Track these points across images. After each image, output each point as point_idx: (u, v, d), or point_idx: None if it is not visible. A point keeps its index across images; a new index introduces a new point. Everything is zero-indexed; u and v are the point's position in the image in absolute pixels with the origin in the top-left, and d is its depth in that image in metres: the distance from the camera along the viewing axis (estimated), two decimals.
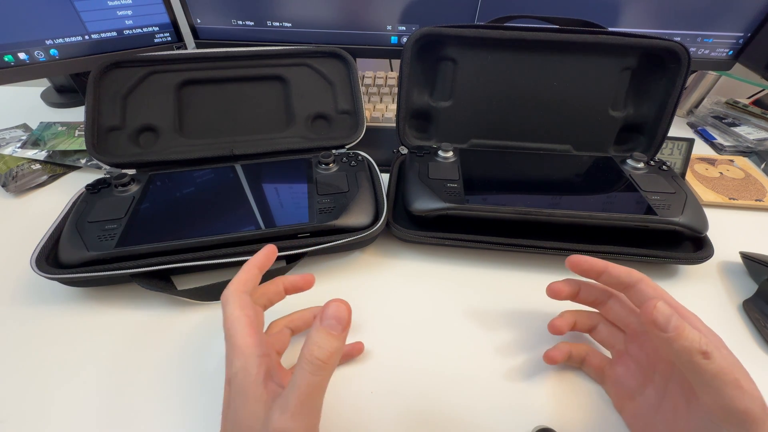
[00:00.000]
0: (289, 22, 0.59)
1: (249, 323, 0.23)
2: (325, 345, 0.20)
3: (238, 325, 0.23)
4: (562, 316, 0.31)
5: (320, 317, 0.21)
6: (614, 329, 0.30)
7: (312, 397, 0.20)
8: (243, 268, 0.27)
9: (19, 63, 0.55)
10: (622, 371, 0.29)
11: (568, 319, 0.31)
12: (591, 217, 0.38)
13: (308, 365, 0.20)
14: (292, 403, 0.20)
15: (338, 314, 0.21)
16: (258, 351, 0.22)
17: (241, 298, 0.25)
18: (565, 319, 0.31)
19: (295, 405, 0.20)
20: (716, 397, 0.21)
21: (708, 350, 0.20)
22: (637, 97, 0.48)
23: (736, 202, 0.49)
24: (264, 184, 0.43)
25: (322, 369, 0.20)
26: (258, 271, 0.28)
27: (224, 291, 0.25)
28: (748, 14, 0.55)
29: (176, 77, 0.49)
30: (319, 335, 0.20)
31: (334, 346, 0.20)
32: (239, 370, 0.22)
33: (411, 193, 0.41)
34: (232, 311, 0.24)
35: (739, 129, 0.62)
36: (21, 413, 0.29)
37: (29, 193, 0.50)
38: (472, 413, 0.29)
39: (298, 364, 0.20)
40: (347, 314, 0.21)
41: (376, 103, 0.64)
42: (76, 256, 0.35)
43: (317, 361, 0.20)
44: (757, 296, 0.37)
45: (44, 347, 0.33)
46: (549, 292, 0.30)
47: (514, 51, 0.46)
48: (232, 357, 0.22)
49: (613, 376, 0.29)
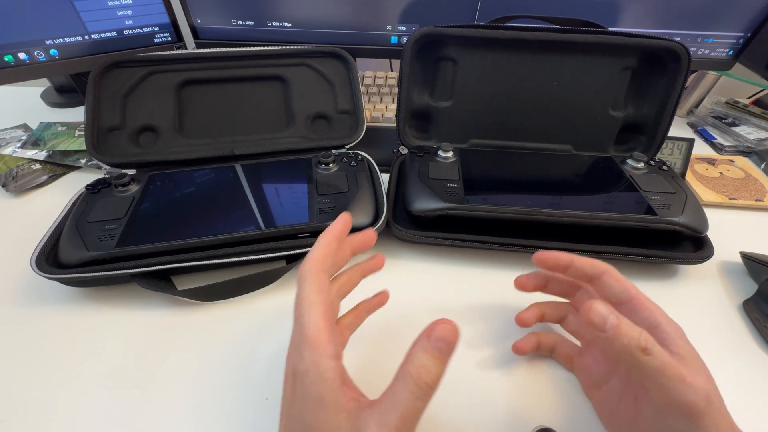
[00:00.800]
0: (289, 22, 0.59)
1: (324, 313, 0.21)
2: (433, 369, 0.19)
3: (312, 314, 0.21)
4: (529, 309, 0.32)
5: (428, 336, 0.20)
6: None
7: (412, 421, 0.19)
8: (320, 241, 0.24)
9: (19, 63, 0.55)
10: (590, 360, 0.29)
11: (534, 311, 0.32)
12: (591, 217, 0.38)
13: (414, 388, 0.19)
14: (393, 422, 0.18)
15: (448, 337, 0.19)
16: (332, 350, 0.20)
17: (319, 278, 0.22)
18: (531, 311, 0.32)
19: (396, 424, 0.18)
20: (660, 391, 0.21)
21: (647, 346, 0.20)
22: (637, 97, 0.48)
23: (736, 202, 0.49)
24: (264, 184, 0.43)
25: (427, 394, 0.19)
26: (336, 245, 0.24)
27: (301, 267, 0.23)
28: (748, 14, 0.55)
29: (176, 77, 0.49)
30: (428, 358, 0.19)
31: (441, 371, 0.19)
32: (310, 367, 0.19)
33: (411, 193, 0.41)
34: (308, 294, 0.21)
35: (739, 129, 0.62)
36: (21, 413, 0.29)
37: (29, 193, 0.50)
38: (472, 413, 0.29)
39: (401, 380, 0.19)
40: (456, 339, 0.20)
41: (376, 103, 0.64)
42: (76, 256, 0.35)
43: (424, 386, 0.19)
44: (757, 296, 0.37)
45: (44, 347, 0.33)
46: (516, 285, 0.31)
47: (514, 51, 0.46)
48: (302, 349, 0.20)
49: (582, 365, 0.30)
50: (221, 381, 0.31)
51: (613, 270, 0.26)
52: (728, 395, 0.31)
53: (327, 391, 0.19)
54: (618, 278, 0.26)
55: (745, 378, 0.32)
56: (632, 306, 0.25)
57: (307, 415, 0.19)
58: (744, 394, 0.31)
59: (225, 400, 0.30)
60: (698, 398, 0.20)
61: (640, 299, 0.25)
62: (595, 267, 0.27)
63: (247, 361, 0.32)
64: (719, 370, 0.32)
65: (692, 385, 0.20)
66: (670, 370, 0.20)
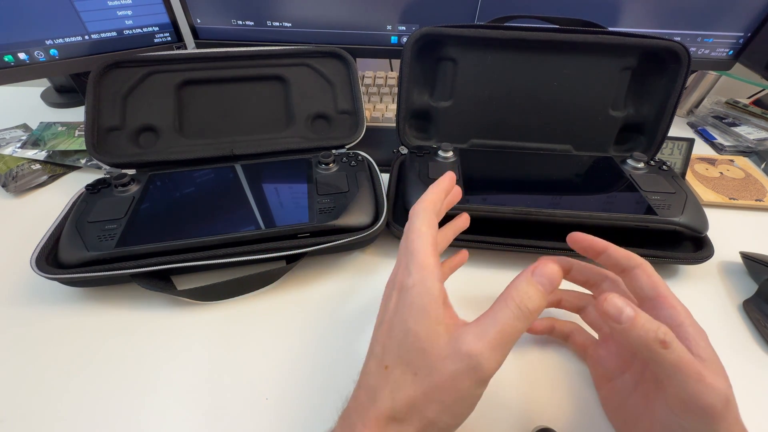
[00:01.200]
0: (289, 22, 0.59)
1: (432, 243, 0.23)
2: (535, 298, 0.20)
3: (423, 241, 0.22)
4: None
5: (533, 271, 0.21)
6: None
7: (509, 339, 0.20)
8: (431, 189, 0.26)
9: (19, 63, 0.55)
10: (604, 353, 0.29)
11: (551, 294, 0.31)
12: (591, 217, 0.38)
13: (516, 309, 0.20)
14: (491, 335, 0.20)
15: (552, 276, 0.21)
16: (438, 274, 0.22)
17: (430, 216, 0.24)
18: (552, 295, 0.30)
19: (494, 337, 0.19)
20: (678, 389, 0.21)
21: (666, 339, 0.20)
22: (637, 97, 0.48)
23: (736, 202, 0.49)
24: (264, 184, 0.43)
25: (527, 317, 0.20)
26: (444, 195, 0.26)
27: (415, 205, 0.24)
28: (748, 14, 0.55)
29: (176, 77, 0.49)
30: (532, 288, 0.21)
31: (542, 303, 0.21)
32: (418, 282, 0.21)
33: (411, 193, 0.41)
34: (420, 226, 0.23)
35: (739, 129, 0.62)
36: (21, 413, 0.29)
37: (29, 193, 0.50)
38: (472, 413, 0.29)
39: (502, 302, 0.20)
40: (559, 279, 0.21)
41: (376, 103, 0.64)
42: (76, 256, 0.35)
43: (525, 309, 0.20)
44: (757, 296, 0.37)
45: (44, 347, 0.33)
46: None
47: (514, 51, 0.46)
48: (411, 267, 0.22)
49: (595, 357, 0.30)
50: (221, 381, 0.31)
51: (646, 265, 0.26)
52: None
53: (431, 303, 0.21)
54: (650, 274, 0.25)
55: (745, 378, 0.32)
56: (658, 302, 0.24)
57: (410, 320, 0.21)
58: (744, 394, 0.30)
59: (225, 399, 0.30)
60: (717, 400, 0.20)
61: (667, 297, 0.24)
62: (629, 259, 0.26)
63: (247, 360, 0.32)
64: None
65: (712, 386, 0.20)
66: (690, 368, 0.20)
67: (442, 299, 0.21)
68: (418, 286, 0.21)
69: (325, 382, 0.31)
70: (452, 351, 0.20)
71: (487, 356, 0.19)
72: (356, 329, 0.35)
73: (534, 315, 0.20)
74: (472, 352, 0.19)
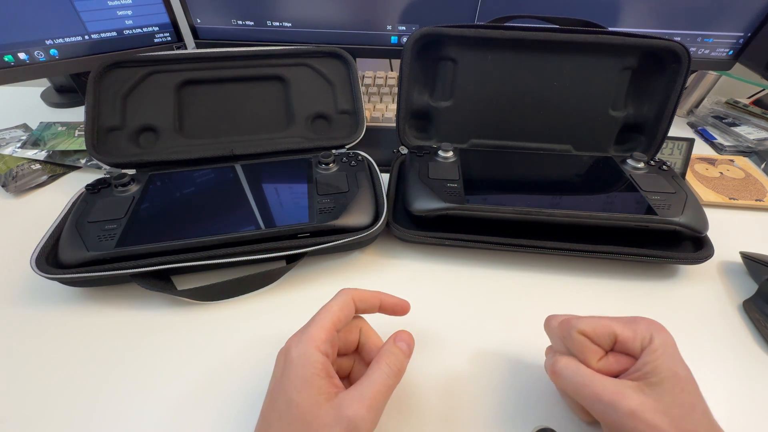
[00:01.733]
0: (289, 22, 0.59)
1: (333, 322, 0.25)
2: (400, 358, 0.25)
3: (325, 318, 0.25)
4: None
5: (394, 339, 0.26)
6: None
7: (384, 396, 0.23)
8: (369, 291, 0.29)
9: (19, 63, 0.55)
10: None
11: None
12: (591, 217, 0.38)
13: (387, 369, 0.24)
14: (368, 396, 0.22)
15: (408, 341, 0.26)
16: (324, 348, 0.24)
17: (349, 303, 0.27)
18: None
19: (371, 398, 0.22)
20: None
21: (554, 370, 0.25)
22: (637, 97, 0.48)
23: (736, 202, 0.49)
24: (264, 184, 0.43)
25: (396, 376, 0.24)
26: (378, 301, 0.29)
27: (345, 289, 0.28)
28: (748, 14, 0.55)
29: (176, 77, 0.49)
30: (397, 350, 0.25)
31: (406, 363, 0.25)
32: (302, 354, 0.23)
33: (411, 193, 0.41)
34: (333, 305, 0.26)
35: (739, 129, 0.62)
36: (21, 413, 0.29)
37: (29, 193, 0.50)
38: (472, 413, 0.29)
39: (375, 366, 0.24)
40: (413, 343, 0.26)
41: (376, 103, 0.64)
42: (76, 256, 0.35)
43: (395, 368, 0.24)
44: (757, 296, 0.37)
45: (44, 347, 0.33)
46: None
47: (514, 51, 0.46)
48: (301, 338, 0.24)
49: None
50: (221, 381, 0.31)
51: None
52: (728, 395, 0.31)
53: (312, 376, 0.22)
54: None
55: (745, 378, 0.32)
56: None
57: (292, 391, 0.22)
58: (744, 394, 0.31)
59: (225, 399, 0.30)
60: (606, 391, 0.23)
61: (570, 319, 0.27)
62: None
63: (247, 360, 0.32)
64: (719, 369, 0.32)
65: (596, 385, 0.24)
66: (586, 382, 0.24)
67: (325, 371, 0.23)
68: (302, 357, 0.23)
69: None
70: (333, 417, 0.21)
71: (364, 416, 0.22)
72: None
73: (401, 373, 0.24)
74: (351, 416, 0.21)
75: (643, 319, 0.25)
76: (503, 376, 0.32)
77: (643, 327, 0.25)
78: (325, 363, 0.23)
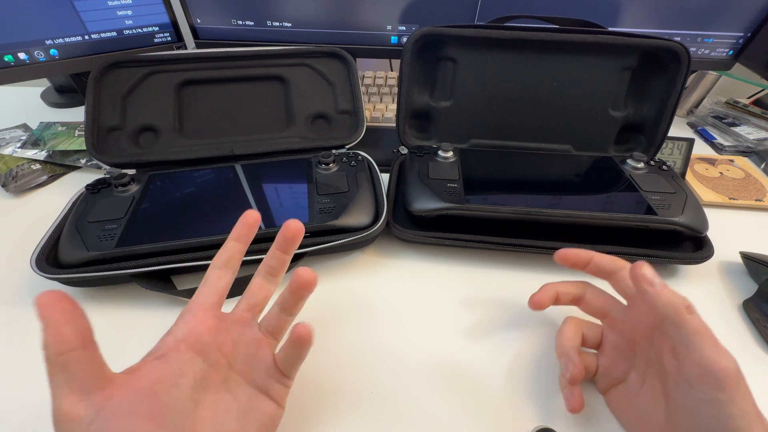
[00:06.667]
0: (289, 22, 0.59)
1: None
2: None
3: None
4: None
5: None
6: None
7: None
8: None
9: (19, 63, 0.55)
10: (606, 361, 0.29)
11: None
12: (591, 217, 0.38)
13: None
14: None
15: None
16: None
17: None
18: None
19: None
20: (697, 355, 0.22)
21: (691, 306, 0.22)
22: (637, 97, 0.48)
23: (736, 202, 0.49)
24: (264, 184, 0.43)
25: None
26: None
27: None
28: (748, 14, 0.55)
29: (176, 77, 0.49)
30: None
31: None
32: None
33: (411, 193, 0.41)
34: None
35: (739, 129, 0.62)
36: (21, 413, 0.29)
37: (29, 193, 0.50)
38: (472, 413, 0.29)
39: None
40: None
41: (376, 103, 0.64)
42: (76, 256, 0.35)
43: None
44: (757, 296, 0.37)
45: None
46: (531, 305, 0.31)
47: (514, 51, 0.46)
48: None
49: (600, 370, 0.30)
50: None
51: (629, 266, 0.27)
52: None
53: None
54: (634, 275, 0.26)
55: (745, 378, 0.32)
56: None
57: None
58: None
59: None
60: (731, 364, 0.21)
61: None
62: (614, 263, 0.29)
63: None
64: None
65: (725, 352, 0.22)
66: (708, 333, 0.22)
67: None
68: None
69: (324, 381, 0.31)
70: None
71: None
72: (356, 329, 0.35)
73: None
74: None
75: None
76: (503, 376, 0.32)
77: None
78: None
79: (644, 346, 0.27)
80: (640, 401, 0.26)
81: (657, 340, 0.25)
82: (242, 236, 0.28)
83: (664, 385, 0.25)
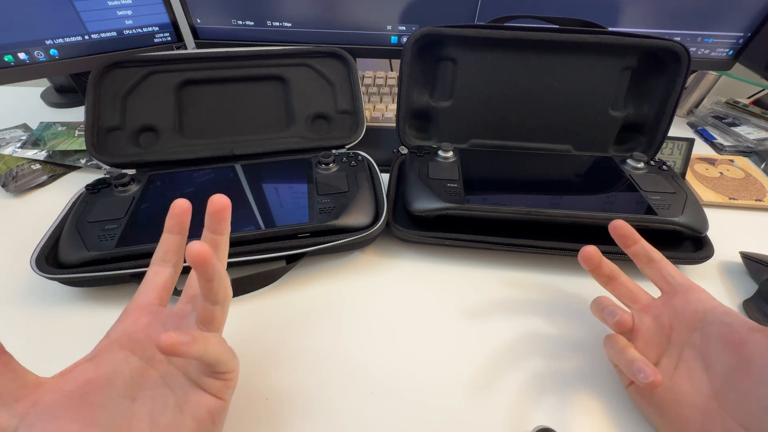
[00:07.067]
0: (289, 22, 0.59)
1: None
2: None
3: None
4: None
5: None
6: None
7: None
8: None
9: (19, 63, 0.55)
10: (639, 347, 0.29)
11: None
12: (591, 217, 0.38)
13: None
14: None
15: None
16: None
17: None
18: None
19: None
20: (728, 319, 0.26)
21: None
22: (637, 97, 0.48)
23: (736, 202, 0.49)
24: (264, 184, 0.43)
25: None
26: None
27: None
28: (748, 14, 0.55)
29: (176, 77, 0.49)
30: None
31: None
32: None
33: (411, 193, 0.41)
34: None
35: (739, 129, 0.62)
36: None
37: (29, 193, 0.50)
38: (472, 413, 0.29)
39: None
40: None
41: (376, 103, 0.64)
42: (76, 256, 0.35)
43: None
44: (757, 296, 0.37)
45: (44, 347, 0.33)
46: (582, 254, 0.32)
47: (514, 51, 0.46)
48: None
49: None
50: None
51: (667, 260, 0.31)
52: None
53: None
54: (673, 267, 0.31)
55: None
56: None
57: None
58: None
59: None
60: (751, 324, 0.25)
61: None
62: (656, 252, 0.31)
63: (246, 361, 0.32)
64: None
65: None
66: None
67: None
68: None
69: (324, 381, 0.31)
70: None
71: None
72: (356, 329, 0.35)
73: None
74: None
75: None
76: (503, 376, 0.32)
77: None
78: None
79: (683, 332, 0.28)
80: (674, 384, 0.27)
81: (705, 329, 0.27)
82: (173, 227, 0.27)
83: (701, 369, 0.26)
